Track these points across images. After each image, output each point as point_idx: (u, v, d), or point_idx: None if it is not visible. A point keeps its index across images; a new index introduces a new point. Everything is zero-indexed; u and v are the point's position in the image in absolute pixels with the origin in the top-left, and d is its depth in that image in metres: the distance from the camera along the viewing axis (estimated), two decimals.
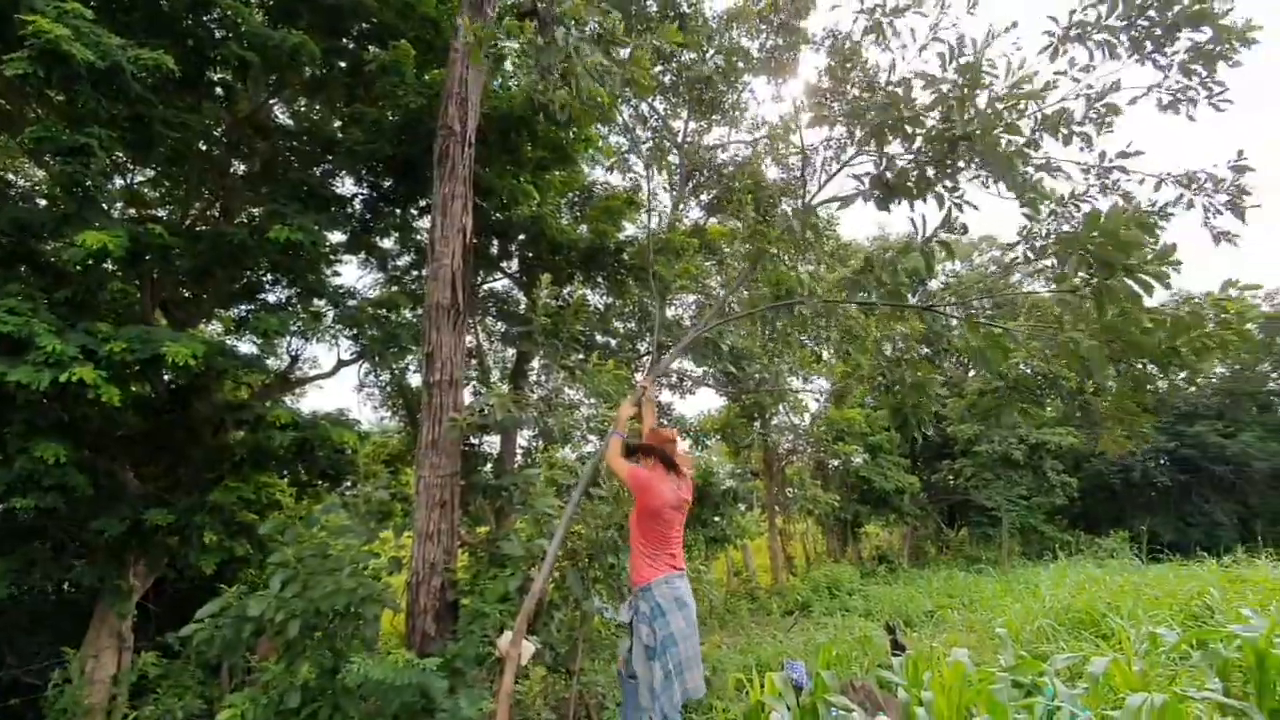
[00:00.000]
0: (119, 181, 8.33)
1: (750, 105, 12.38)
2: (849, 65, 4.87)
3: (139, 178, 8.78)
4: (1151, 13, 3.59)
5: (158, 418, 7.20)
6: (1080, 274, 3.38)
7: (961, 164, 3.85)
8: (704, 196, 12.24)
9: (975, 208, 4.06)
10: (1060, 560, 15.50)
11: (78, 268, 5.66)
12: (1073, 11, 3.78)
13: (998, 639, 5.71)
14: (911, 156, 3.98)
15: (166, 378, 6.98)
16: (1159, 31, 3.66)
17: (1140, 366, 3.70)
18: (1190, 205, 4.11)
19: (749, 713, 4.19)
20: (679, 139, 12.28)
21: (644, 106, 12.35)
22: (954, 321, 4.78)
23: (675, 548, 3.19)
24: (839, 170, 4.82)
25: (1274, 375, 24.45)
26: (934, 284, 19.52)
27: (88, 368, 5.13)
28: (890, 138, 4.04)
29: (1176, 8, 3.54)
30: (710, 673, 7.03)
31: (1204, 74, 3.83)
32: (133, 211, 8.49)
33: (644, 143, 12.07)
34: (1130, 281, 3.15)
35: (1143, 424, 3.60)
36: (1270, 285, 24.28)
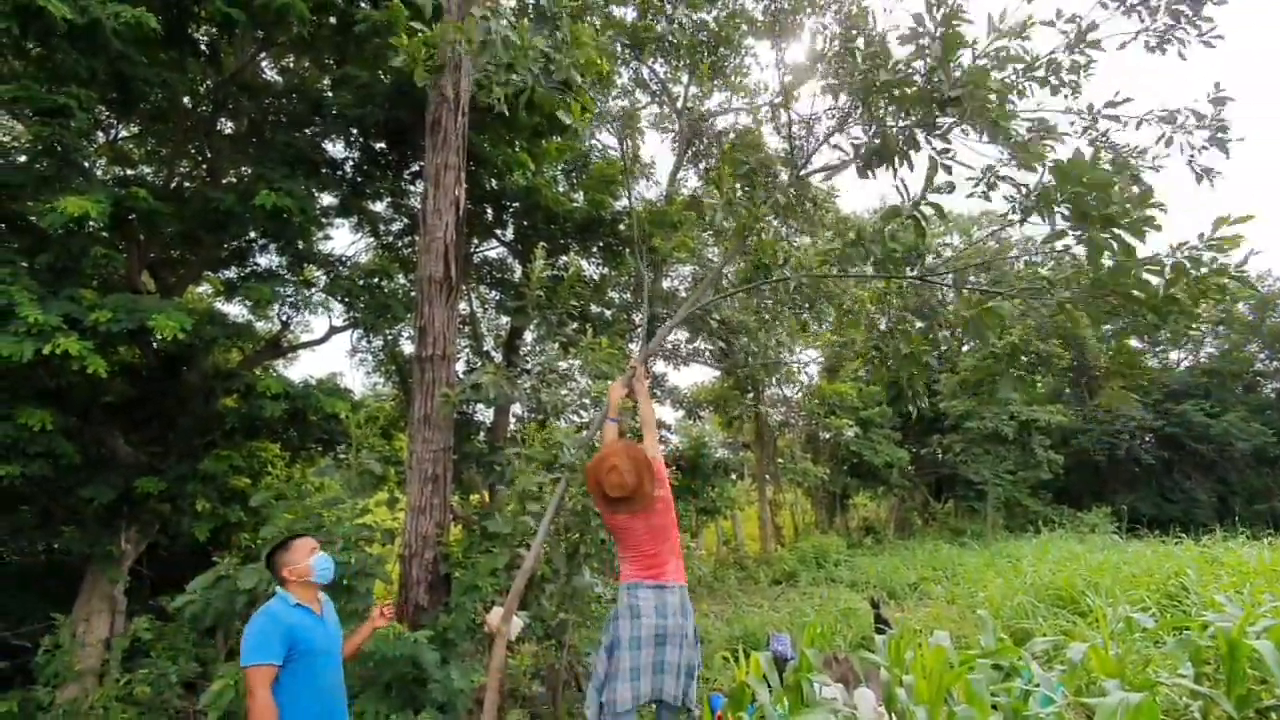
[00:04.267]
0: (101, 137, 8.10)
1: (752, 70, 12.07)
2: (855, 31, 4.71)
3: (123, 133, 8.54)
4: None
5: (146, 385, 7.13)
6: (1068, 229, 3.27)
7: (950, 123, 3.73)
8: (703, 165, 12.06)
9: (969, 167, 3.95)
10: (1042, 534, 15.83)
11: (59, 231, 5.52)
12: None
13: (979, 617, 5.85)
14: (903, 121, 3.85)
15: (154, 345, 6.91)
16: None
17: (1135, 318, 3.61)
18: (1169, 143, 4.00)
19: (734, 692, 4.29)
20: (679, 104, 12.02)
21: (644, 70, 12.03)
22: (948, 294, 4.70)
23: (644, 549, 3.08)
24: (826, 138, 4.65)
25: (1261, 356, 24.69)
26: (931, 259, 19.43)
27: (72, 338, 5.04)
28: (880, 103, 3.90)
29: None
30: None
31: (1191, 14, 3.74)
32: (117, 170, 8.28)
33: (641, 107, 11.77)
34: (1118, 231, 3.04)
35: (1140, 378, 3.57)
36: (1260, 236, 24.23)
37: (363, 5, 7.39)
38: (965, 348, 19.38)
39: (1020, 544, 14.55)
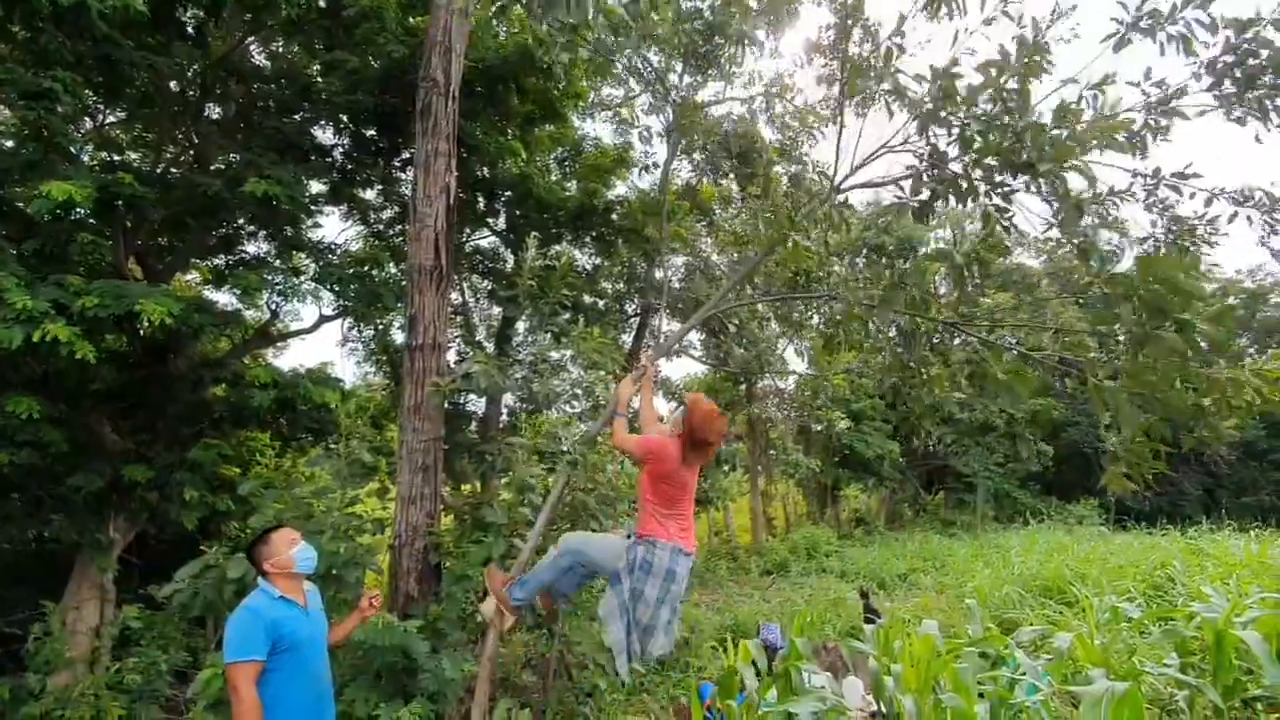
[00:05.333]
0: (88, 123, 7.98)
1: (747, 60, 11.94)
2: (850, 22, 4.64)
3: (110, 119, 8.42)
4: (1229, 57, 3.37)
5: (133, 372, 7.06)
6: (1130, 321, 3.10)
7: (1020, 184, 3.59)
8: (696, 156, 11.99)
9: (1041, 216, 3.84)
10: (1031, 526, 15.97)
11: (46, 218, 5.45)
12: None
13: (967, 607, 5.90)
14: (964, 159, 3.69)
15: (142, 332, 6.84)
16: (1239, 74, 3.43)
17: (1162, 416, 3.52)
18: (1233, 219, 3.97)
19: (723, 678, 4.31)
20: (672, 94, 11.90)
21: (638, 59, 11.92)
22: (979, 338, 4.54)
23: (685, 509, 3.22)
24: (878, 153, 4.42)
25: (1251, 350, 24.87)
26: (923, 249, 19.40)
27: (60, 324, 4.98)
28: (936, 132, 3.73)
29: (1265, 53, 3.30)
30: (689, 633, 7.22)
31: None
32: (104, 155, 8.16)
33: (634, 95, 11.67)
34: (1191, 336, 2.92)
35: (1151, 470, 3.50)
36: None
37: None
38: (957, 340, 19.42)
39: (1009, 535, 14.68)
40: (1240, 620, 4.17)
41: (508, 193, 9.51)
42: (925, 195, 3.80)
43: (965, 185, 3.58)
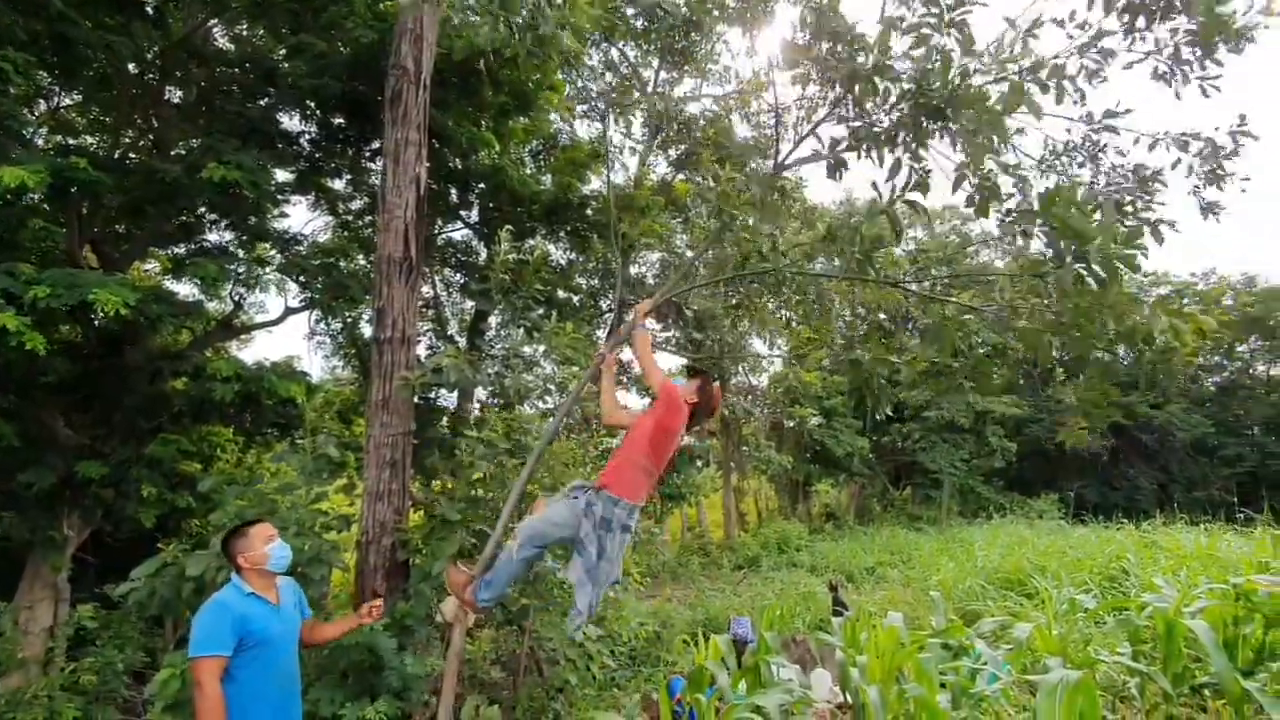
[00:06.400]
0: (42, 105, 7.67)
1: (723, 57, 11.96)
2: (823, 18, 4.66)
3: (65, 101, 8.09)
4: None
5: (87, 364, 6.82)
6: (1048, 258, 3.21)
7: (934, 128, 3.64)
8: (671, 151, 11.98)
9: (949, 175, 3.91)
10: (994, 520, 16.38)
11: None
12: None
13: (932, 599, 6.03)
14: (887, 116, 3.72)
15: (97, 323, 6.60)
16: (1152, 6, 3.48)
17: (1108, 355, 3.58)
18: (1175, 166, 3.99)
19: (693, 673, 4.34)
20: (649, 89, 11.89)
21: (614, 52, 11.86)
22: (915, 294, 4.66)
23: (659, 475, 3.33)
24: (810, 132, 4.49)
25: (1204, 349, 25.79)
26: (897, 251, 19.73)
27: (9, 314, 4.78)
28: (866, 95, 3.77)
29: None
30: (660, 628, 7.26)
31: (1196, 56, 3.68)
32: (58, 139, 7.85)
33: (609, 90, 11.62)
34: (1092, 267, 2.95)
35: (1109, 416, 3.57)
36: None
37: None
38: (914, 342, 19.81)
39: (973, 529, 15.05)
40: (1189, 610, 4.33)
41: (480, 185, 9.39)
42: (843, 151, 3.82)
43: (883, 136, 3.62)
